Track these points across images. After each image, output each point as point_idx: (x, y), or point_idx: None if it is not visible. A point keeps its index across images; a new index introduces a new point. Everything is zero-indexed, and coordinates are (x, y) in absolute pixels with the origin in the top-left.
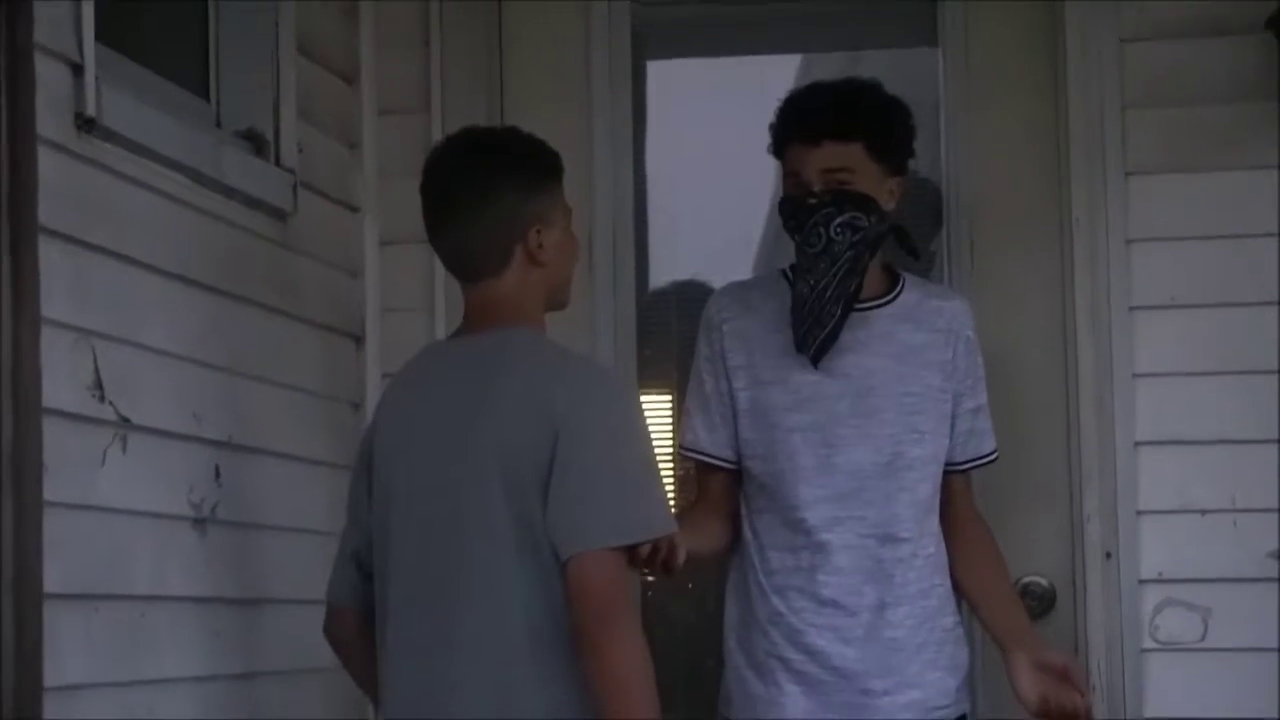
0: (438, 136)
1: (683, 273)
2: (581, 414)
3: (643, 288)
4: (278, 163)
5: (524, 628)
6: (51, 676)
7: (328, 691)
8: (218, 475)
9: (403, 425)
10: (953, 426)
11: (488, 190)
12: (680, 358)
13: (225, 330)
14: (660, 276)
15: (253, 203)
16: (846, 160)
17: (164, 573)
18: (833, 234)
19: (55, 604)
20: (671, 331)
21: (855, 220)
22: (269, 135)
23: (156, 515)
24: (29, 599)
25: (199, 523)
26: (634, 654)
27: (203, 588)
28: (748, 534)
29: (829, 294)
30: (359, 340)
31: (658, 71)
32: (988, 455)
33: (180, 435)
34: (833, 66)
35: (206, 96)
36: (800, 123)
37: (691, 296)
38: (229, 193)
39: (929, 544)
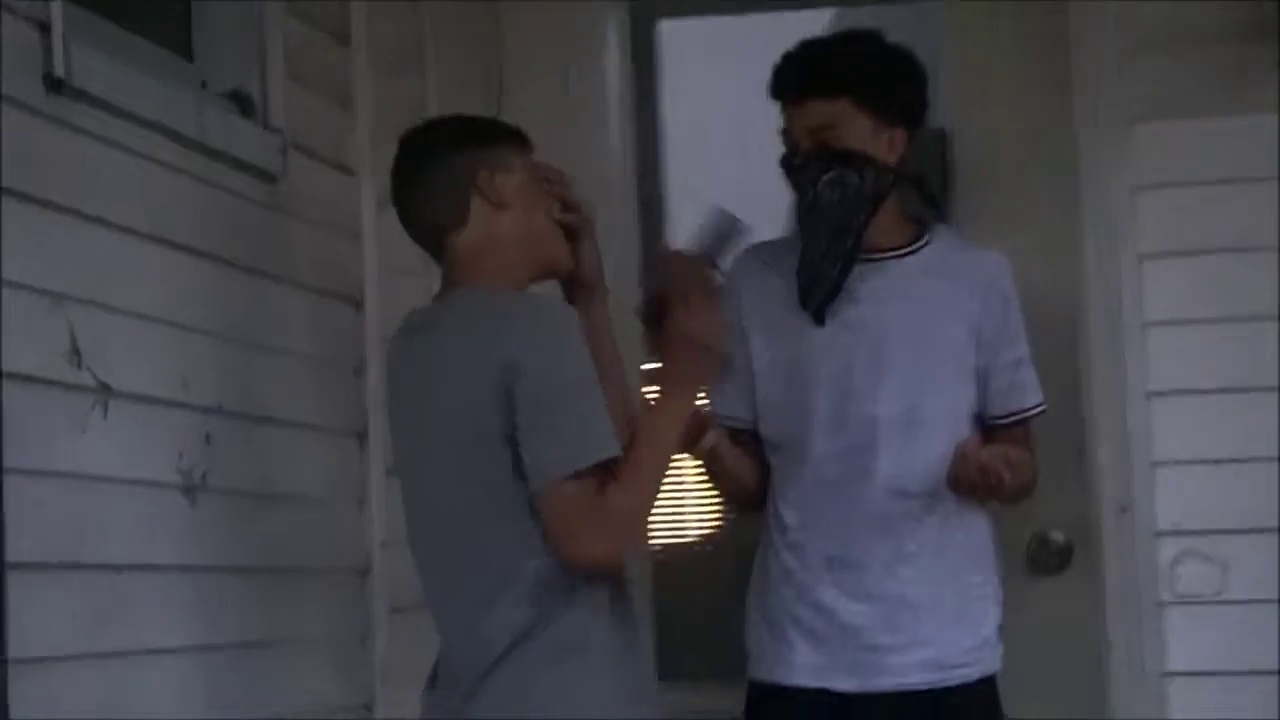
0: (433, 97)
1: None
2: (525, 362)
3: (650, 252)
4: (265, 124)
5: (500, 582)
6: (33, 647)
7: (324, 661)
8: (208, 441)
9: (389, 396)
10: (990, 380)
11: (430, 156)
12: None
13: (213, 294)
14: (680, 237)
15: (239, 165)
16: (831, 116)
17: (151, 541)
18: (820, 191)
19: (36, 573)
20: None
21: (843, 177)
22: (255, 96)
23: (142, 482)
24: None
25: (189, 490)
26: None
27: (192, 556)
28: (771, 493)
29: (822, 251)
30: (358, 304)
31: (670, 31)
32: (1031, 408)
33: (167, 401)
34: (856, 20)
35: (189, 57)
36: (784, 81)
37: None
38: (213, 155)
39: (947, 500)
